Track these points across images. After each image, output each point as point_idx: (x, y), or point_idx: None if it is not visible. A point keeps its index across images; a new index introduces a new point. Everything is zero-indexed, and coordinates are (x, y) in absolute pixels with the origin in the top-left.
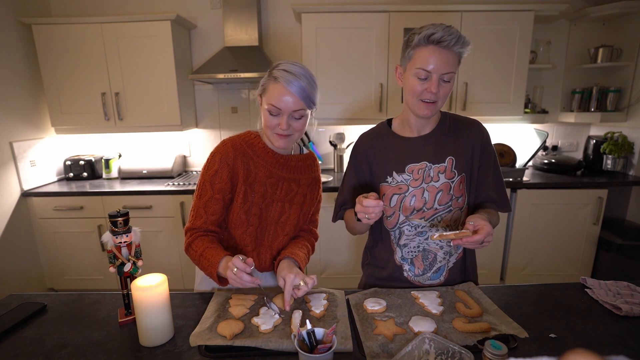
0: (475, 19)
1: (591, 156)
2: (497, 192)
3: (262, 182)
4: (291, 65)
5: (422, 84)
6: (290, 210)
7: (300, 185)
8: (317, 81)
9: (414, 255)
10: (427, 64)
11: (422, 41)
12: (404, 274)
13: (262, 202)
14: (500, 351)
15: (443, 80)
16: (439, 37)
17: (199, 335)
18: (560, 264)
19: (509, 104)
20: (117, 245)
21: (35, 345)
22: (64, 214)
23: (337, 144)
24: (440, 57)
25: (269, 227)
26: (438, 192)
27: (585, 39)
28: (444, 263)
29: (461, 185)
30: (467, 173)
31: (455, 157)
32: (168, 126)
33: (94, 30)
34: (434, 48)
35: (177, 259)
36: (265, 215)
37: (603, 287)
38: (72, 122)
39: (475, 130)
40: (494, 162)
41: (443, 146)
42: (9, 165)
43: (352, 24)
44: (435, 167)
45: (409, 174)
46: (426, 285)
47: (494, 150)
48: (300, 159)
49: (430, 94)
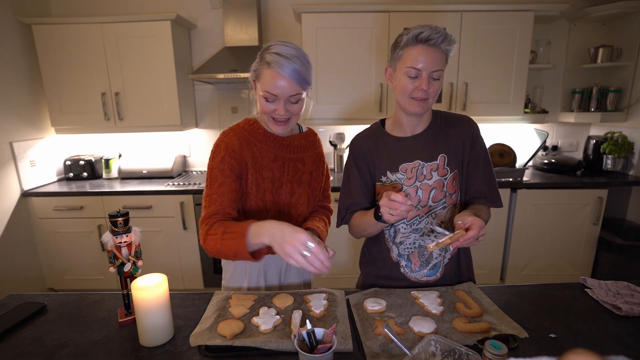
0: (475, 19)
1: (591, 156)
2: (488, 186)
3: (269, 166)
4: (283, 47)
5: (412, 82)
6: (300, 190)
7: (306, 163)
8: (310, 60)
9: (410, 251)
10: (417, 62)
11: (410, 41)
12: (400, 270)
13: (272, 187)
14: (500, 351)
15: (432, 77)
16: (427, 36)
17: (199, 335)
18: (560, 264)
19: (509, 104)
20: (117, 245)
21: (35, 345)
22: (64, 214)
23: (337, 143)
24: (429, 55)
25: (282, 210)
26: (432, 190)
27: (585, 39)
28: (439, 259)
29: (454, 181)
30: (459, 169)
31: (447, 154)
32: (168, 126)
33: (94, 30)
34: (422, 47)
35: (177, 259)
36: (277, 199)
37: (603, 287)
38: (72, 122)
39: (465, 125)
40: (484, 157)
41: (435, 144)
42: (9, 165)
43: (352, 24)
44: (428, 165)
45: (402, 173)
46: (423, 281)
47: (484, 145)
48: (301, 137)
49: (421, 92)
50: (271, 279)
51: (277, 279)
